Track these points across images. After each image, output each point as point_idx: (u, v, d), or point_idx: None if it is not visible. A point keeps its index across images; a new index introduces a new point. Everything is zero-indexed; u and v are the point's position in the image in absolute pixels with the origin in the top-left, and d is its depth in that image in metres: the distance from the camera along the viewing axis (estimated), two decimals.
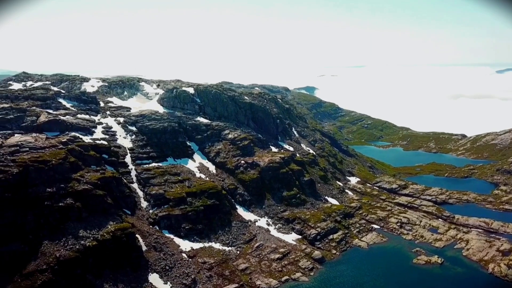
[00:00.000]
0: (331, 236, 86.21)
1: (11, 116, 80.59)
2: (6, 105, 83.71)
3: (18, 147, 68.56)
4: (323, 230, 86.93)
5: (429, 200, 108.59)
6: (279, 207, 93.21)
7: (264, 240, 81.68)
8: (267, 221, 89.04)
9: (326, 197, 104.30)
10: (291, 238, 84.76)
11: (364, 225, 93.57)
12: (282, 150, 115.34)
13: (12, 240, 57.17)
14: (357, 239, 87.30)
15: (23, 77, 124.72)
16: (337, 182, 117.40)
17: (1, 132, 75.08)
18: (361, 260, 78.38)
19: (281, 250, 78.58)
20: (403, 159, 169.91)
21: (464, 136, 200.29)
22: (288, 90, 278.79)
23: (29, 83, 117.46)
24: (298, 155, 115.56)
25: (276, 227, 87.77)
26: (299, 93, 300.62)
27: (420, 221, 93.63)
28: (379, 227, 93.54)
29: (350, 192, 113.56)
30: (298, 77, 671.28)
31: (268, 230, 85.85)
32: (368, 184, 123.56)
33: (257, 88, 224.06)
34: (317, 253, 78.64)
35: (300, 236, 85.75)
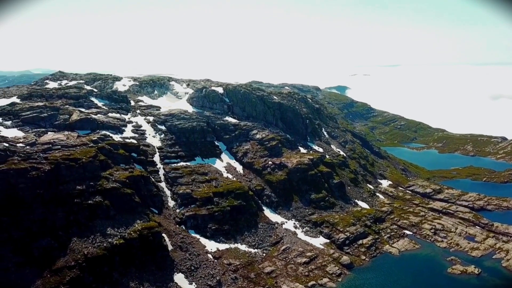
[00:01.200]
0: (360, 241, 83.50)
1: (45, 114, 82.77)
2: (40, 104, 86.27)
3: (50, 145, 70.26)
4: (352, 235, 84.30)
5: (465, 206, 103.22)
6: (307, 210, 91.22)
7: (291, 243, 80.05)
8: (294, 223, 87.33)
9: (356, 201, 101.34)
10: (318, 242, 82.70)
11: (395, 230, 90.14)
12: (311, 151, 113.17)
13: (43, 236, 58.39)
14: (388, 245, 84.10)
15: (59, 76, 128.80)
16: (368, 185, 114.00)
17: (35, 129, 77.27)
18: (392, 268, 75.36)
19: (308, 254, 76.73)
20: (438, 162, 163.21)
21: (504, 138, 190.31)
22: (318, 89, 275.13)
23: (64, 82, 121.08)
24: (327, 156, 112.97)
25: (304, 230, 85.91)
26: (330, 92, 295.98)
27: (456, 228, 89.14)
28: (411, 233, 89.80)
29: (381, 196, 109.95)
30: (329, 76, 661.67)
31: (295, 233, 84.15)
32: (400, 188, 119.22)
33: (287, 88, 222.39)
34: (345, 259, 76.24)
35: (328, 240, 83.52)
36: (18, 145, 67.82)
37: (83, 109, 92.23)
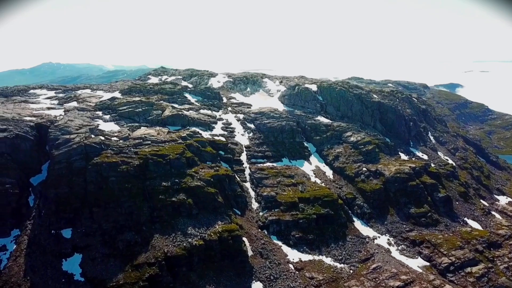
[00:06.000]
0: (468, 269, 70.80)
1: (140, 109, 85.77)
2: (137, 99, 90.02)
3: (141, 140, 72.06)
4: (459, 260, 71.95)
5: None
6: (404, 226, 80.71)
7: (383, 262, 71.07)
8: (388, 240, 77.81)
9: (466, 219, 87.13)
10: (416, 264, 72.27)
11: None
12: (413, 158, 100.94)
13: (128, 230, 59.71)
14: (504, 278, 70.04)
15: (160, 71, 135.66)
16: (481, 201, 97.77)
17: (130, 124, 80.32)
18: None
19: (403, 277, 67.12)
20: None
21: None
22: (426, 87, 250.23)
23: (164, 77, 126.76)
24: (433, 165, 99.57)
25: (399, 248, 75.98)
26: (440, 91, 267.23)
27: None
28: None
29: (498, 215, 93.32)
30: (439, 72, 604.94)
31: (388, 251, 74.78)
32: None
33: (390, 85, 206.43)
34: None
35: (427, 263, 72.48)
36: (112, 138, 70.81)
37: (176, 105, 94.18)
